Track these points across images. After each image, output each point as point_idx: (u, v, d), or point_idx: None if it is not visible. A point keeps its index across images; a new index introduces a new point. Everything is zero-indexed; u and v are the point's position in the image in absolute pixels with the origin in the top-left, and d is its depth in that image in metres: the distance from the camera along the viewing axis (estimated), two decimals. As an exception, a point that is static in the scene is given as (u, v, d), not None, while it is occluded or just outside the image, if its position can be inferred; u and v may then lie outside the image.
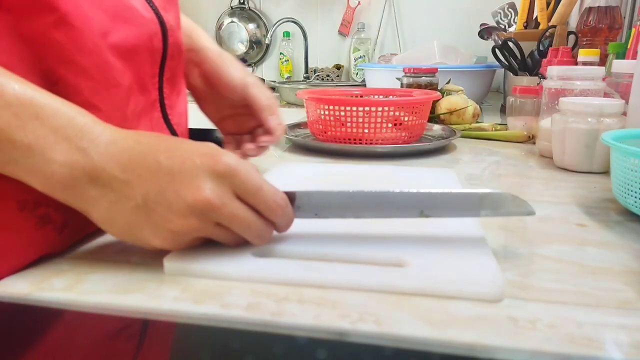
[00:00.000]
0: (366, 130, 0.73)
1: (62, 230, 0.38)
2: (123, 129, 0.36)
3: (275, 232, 0.38)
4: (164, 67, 0.50)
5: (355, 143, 0.74)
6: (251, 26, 1.95)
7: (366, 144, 0.74)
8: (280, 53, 1.94)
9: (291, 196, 0.38)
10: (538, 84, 1.00)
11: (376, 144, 0.74)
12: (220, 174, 0.34)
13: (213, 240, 0.36)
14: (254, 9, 1.96)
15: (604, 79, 0.70)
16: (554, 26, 1.13)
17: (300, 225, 0.42)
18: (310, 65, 1.93)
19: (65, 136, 0.32)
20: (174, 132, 0.55)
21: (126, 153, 0.34)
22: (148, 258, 0.36)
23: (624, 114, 0.62)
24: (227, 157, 0.35)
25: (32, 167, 0.32)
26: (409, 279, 0.32)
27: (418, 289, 0.32)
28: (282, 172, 0.59)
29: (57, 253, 0.38)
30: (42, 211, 0.36)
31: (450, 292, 0.31)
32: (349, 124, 0.73)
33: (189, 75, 0.59)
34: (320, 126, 0.77)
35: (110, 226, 0.35)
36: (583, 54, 0.85)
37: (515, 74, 1.18)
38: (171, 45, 0.50)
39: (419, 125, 0.78)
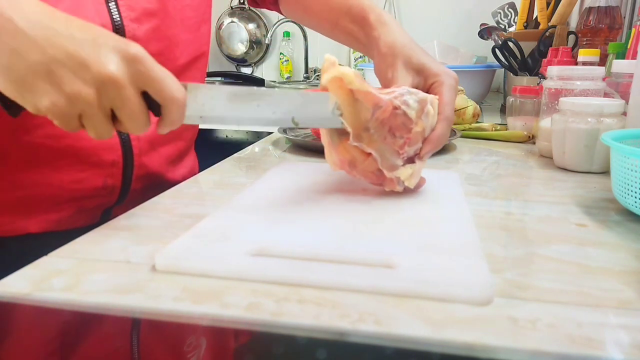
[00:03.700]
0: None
1: None
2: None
3: (264, 231, 0.38)
4: None
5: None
6: (251, 26, 1.95)
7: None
8: (280, 53, 1.94)
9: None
10: (538, 84, 1.00)
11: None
12: (129, 57, 0.35)
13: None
14: (254, 9, 1.96)
15: (604, 79, 0.70)
16: (554, 26, 1.13)
17: (289, 224, 0.42)
18: (310, 65, 1.93)
19: None
20: (127, 134, 0.57)
21: (40, 13, 0.35)
22: (148, 258, 0.36)
23: (624, 114, 0.62)
24: (139, 47, 0.36)
25: None
26: (398, 281, 0.32)
27: (406, 291, 0.31)
28: (282, 172, 0.59)
29: None
30: None
31: (438, 295, 0.31)
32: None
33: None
34: None
35: (3, 75, 0.35)
36: (583, 54, 0.85)
37: (515, 74, 1.19)
38: None
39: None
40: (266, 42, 1.91)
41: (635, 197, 0.45)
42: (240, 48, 1.97)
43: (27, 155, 0.52)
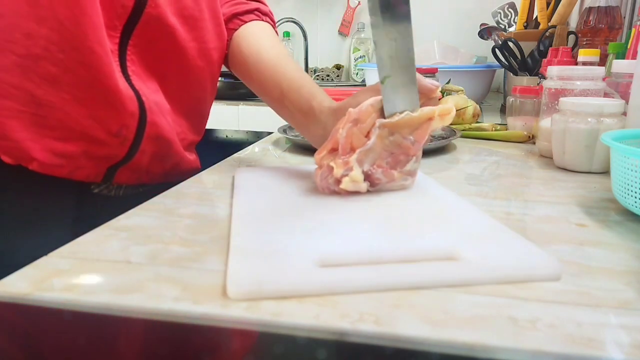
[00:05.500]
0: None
1: None
2: None
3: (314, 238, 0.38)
4: (133, 31, 0.55)
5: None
6: (251, 26, 1.95)
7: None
8: (280, 53, 1.94)
9: None
10: (538, 84, 1.00)
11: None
12: None
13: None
14: (254, 9, 1.96)
15: (604, 79, 0.70)
16: (554, 26, 1.13)
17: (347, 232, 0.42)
18: (310, 65, 1.93)
19: None
20: (135, 88, 0.57)
21: None
22: (148, 258, 0.36)
23: (624, 114, 0.62)
24: None
25: None
26: (471, 272, 0.33)
27: (481, 280, 0.33)
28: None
29: None
30: None
31: (517, 278, 0.33)
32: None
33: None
34: None
35: None
36: (583, 54, 0.85)
37: (515, 74, 1.19)
38: (148, 14, 0.55)
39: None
40: (266, 42, 1.91)
41: (635, 197, 0.45)
42: (240, 48, 1.96)
43: (53, 74, 0.51)
